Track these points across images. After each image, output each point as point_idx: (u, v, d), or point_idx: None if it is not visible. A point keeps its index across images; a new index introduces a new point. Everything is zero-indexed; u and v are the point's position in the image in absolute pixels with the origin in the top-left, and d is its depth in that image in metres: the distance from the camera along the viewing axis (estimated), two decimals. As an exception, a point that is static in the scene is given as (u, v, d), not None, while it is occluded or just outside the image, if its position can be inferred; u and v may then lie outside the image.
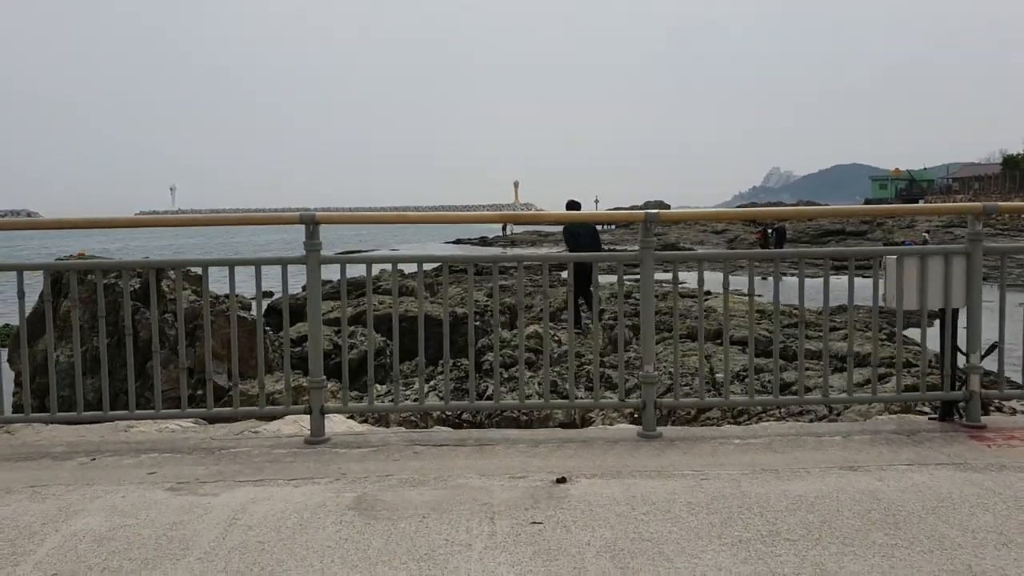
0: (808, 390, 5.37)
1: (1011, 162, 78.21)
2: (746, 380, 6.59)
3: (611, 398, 7.12)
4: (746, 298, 13.14)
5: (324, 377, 4.64)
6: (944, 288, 4.64)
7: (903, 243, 40.76)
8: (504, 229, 73.09)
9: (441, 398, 5.97)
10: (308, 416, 4.58)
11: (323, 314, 5.32)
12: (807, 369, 7.54)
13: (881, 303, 4.77)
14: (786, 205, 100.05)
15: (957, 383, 4.68)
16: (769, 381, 6.48)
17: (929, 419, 4.89)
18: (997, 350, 4.70)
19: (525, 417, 7.85)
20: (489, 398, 7.49)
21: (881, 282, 4.76)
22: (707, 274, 5.02)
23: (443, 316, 4.77)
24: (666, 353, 10.20)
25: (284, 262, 4.63)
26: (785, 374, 8.54)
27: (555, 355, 10.47)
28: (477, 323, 11.38)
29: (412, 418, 7.25)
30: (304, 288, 4.83)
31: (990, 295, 4.87)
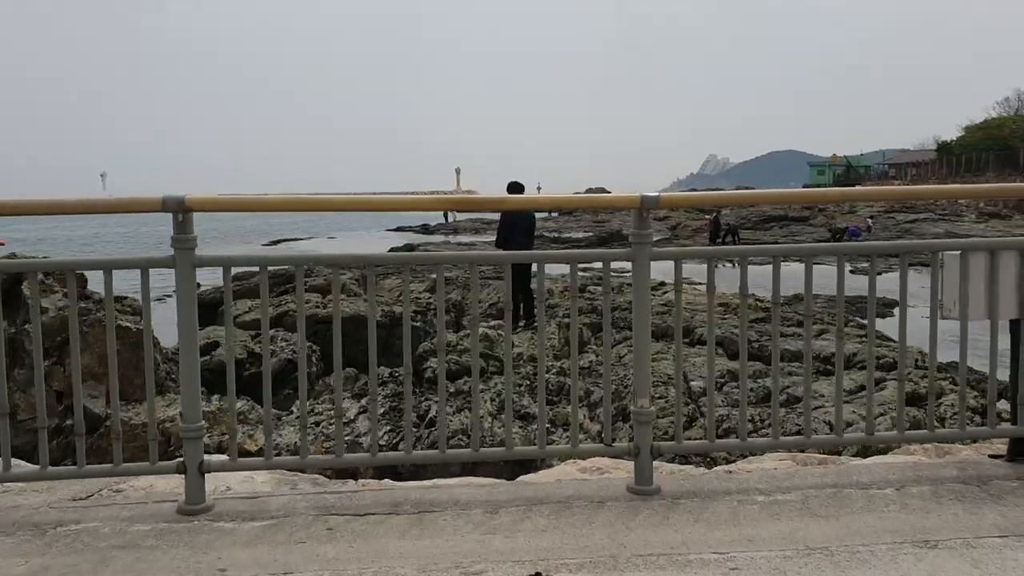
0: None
1: (945, 148, 79.40)
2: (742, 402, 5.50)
3: (586, 421, 6.04)
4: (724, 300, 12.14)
5: (203, 423, 3.40)
6: (1019, 293, 3.60)
7: (847, 229, 40.51)
8: (446, 216, 71.59)
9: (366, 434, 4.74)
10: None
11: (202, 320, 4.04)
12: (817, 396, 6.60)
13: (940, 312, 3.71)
14: (724, 191, 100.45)
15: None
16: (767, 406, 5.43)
17: (992, 457, 3.85)
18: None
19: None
20: (432, 423, 6.41)
21: (940, 285, 3.70)
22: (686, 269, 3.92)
23: (370, 334, 3.56)
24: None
25: (145, 265, 3.38)
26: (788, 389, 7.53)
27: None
28: (417, 323, 10.16)
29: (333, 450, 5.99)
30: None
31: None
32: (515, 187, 11.88)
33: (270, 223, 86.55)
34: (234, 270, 3.63)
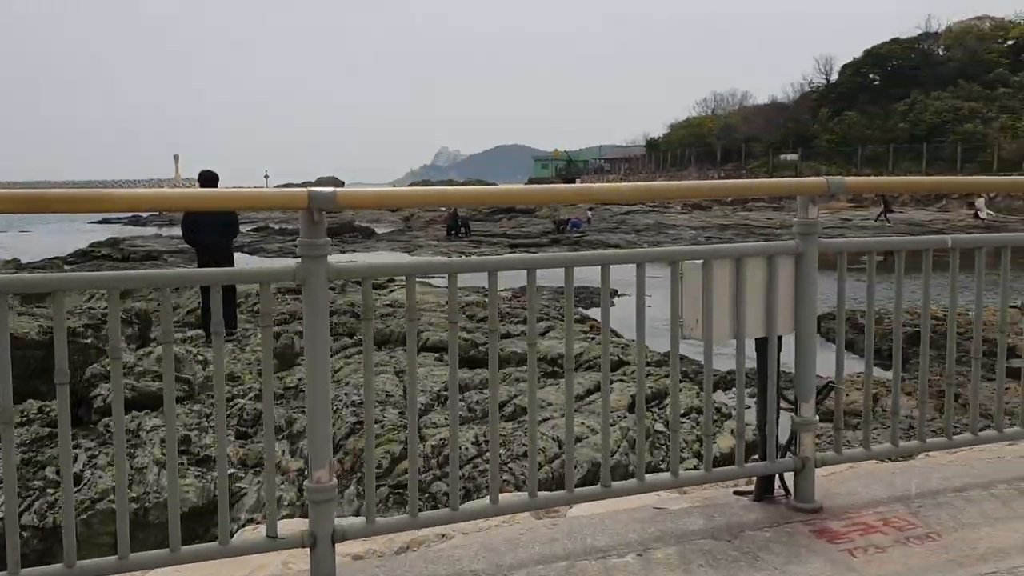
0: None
1: (652, 145, 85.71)
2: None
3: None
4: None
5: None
6: (767, 307, 3.08)
7: (568, 220, 41.99)
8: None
9: None
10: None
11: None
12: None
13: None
14: (457, 183, 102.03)
15: (779, 447, 3.17)
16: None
17: (737, 494, 3.33)
18: (834, 392, 3.24)
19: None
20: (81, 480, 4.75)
21: (679, 300, 3.10)
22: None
23: None
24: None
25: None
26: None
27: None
28: (87, 339, 8.48)
29: None
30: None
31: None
32: (206, 177, 10.44)
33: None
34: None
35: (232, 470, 5.44)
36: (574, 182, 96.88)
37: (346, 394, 6.42)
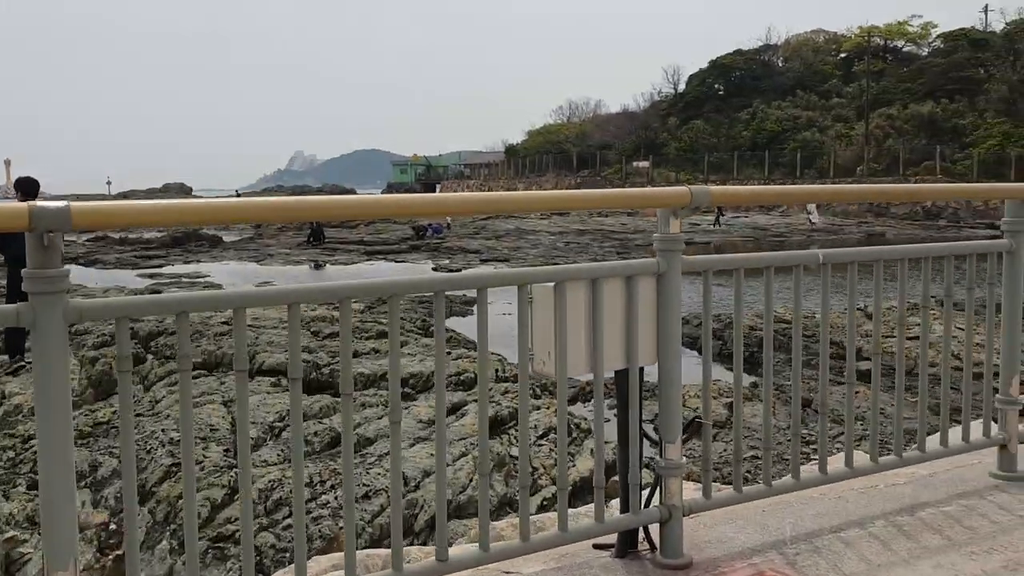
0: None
1: (512, 151, 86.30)
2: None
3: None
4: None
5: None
6: (626, 335, 2.67)
7: (429, 225, 41.33)
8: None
9: None
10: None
11: None
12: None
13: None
14: (313, 188, 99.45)
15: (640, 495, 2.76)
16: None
17: (596, 547, 2.90)
18: (702, 429, 2.86)
19: None
20: None
21: (530, 329, 2.64)
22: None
23: None
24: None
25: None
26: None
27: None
28: None
29: None
30: None
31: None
32: (26, 183, 9.35)
33: None
34: None
35: (12, 532, 4.58)
36: (435, 187, 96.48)
37: (163, 430, 5.64)
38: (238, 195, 73.23)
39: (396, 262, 28.43)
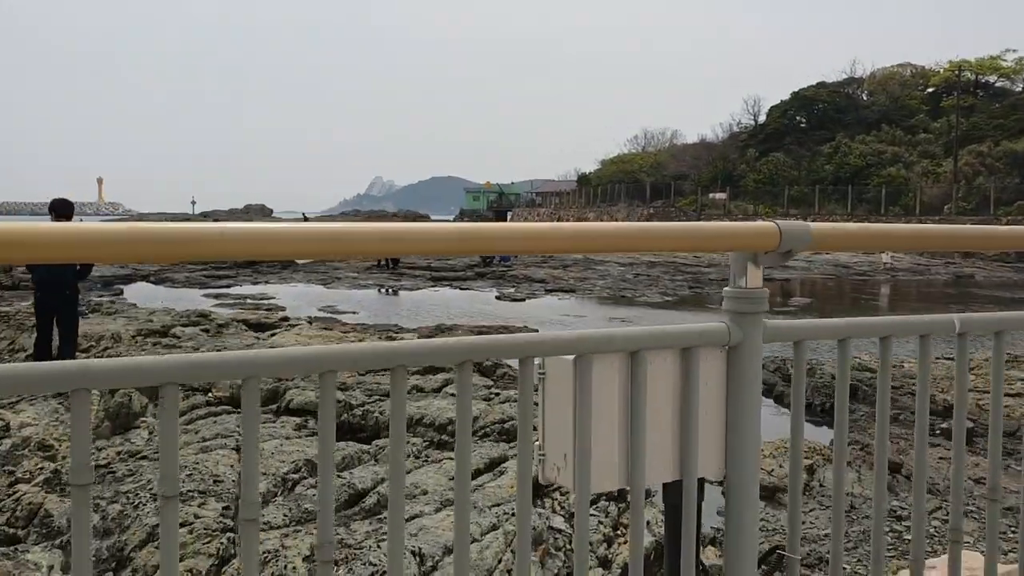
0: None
1: (584, 180, 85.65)
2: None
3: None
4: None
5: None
6: (680, 433, 1.87)
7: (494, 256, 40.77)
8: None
9: None
10: None
11: None
12: None
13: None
14: (389, 213, 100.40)
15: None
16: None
17: None
18: (785, 565, 2.03)
19: None
20: None
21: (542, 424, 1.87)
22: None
23: None
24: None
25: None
26: None
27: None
28: None
29: None
30: None
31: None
32: (61, 204, 8.93)
33: None
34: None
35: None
36: (506, 215, 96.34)
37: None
38: (306, 219, 74.21)
39: (461, 289, 27.87)
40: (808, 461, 7.47)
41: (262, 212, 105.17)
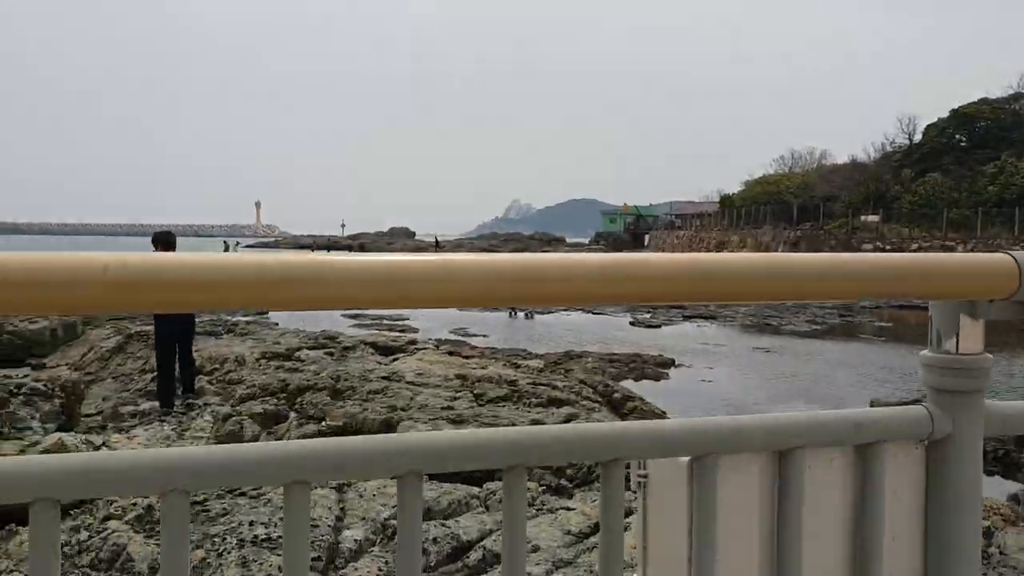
0: None
1: (726, 201, 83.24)
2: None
3: None
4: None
5: None
6: (853, 567, 1.24)
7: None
8: (227, 252, 66.01)
9: None
10: None
11: None
12: None
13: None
14: (523, 236, 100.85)
15: None
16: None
17: None
18: None
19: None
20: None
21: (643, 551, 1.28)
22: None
23: None
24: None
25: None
26: None
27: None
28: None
29: None
30: None
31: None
32: (166, 236, 8.96)
33: None
34: None
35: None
36: (643, 237, 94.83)
37: (250, 522, 4.59)
38: (437, 243, 75.15)
39: (594, 313, 27.22)
40: (984, 522, 6.43)
41: (405, 235, 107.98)
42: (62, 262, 0.83)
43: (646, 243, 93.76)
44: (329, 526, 4.75)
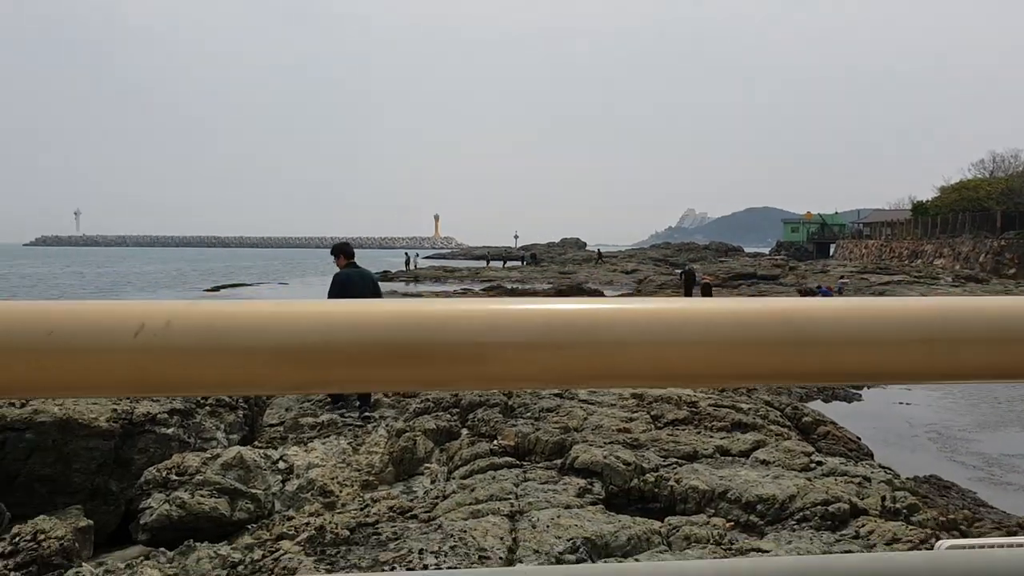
0: None
1: (920, 209, 77.80)
2: None
3: None
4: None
5: None
6: None
7: (819, 288, 37.86)
8: (408, 264, 68.62)
9: None
10: None
11: None
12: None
13: None
14: (698, 245, 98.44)
15: None
16: None
17: None
18: None
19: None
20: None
21: None
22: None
23: None
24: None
25: None
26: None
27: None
28: (168, 429, 7.12)
29: None
30: None
31: None
32: (342, 250, 9.18)
33: (216, 266, 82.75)
34: None
35: None
36: (828, 247, 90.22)
37: (421, 551, 4.39)
38: (599, 255, 74.54)
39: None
40: None
41: (576, 245, 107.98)
42: (66, 314, 0.54)
43: (831, 253, 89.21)
44: (501, 557, 4.48)
